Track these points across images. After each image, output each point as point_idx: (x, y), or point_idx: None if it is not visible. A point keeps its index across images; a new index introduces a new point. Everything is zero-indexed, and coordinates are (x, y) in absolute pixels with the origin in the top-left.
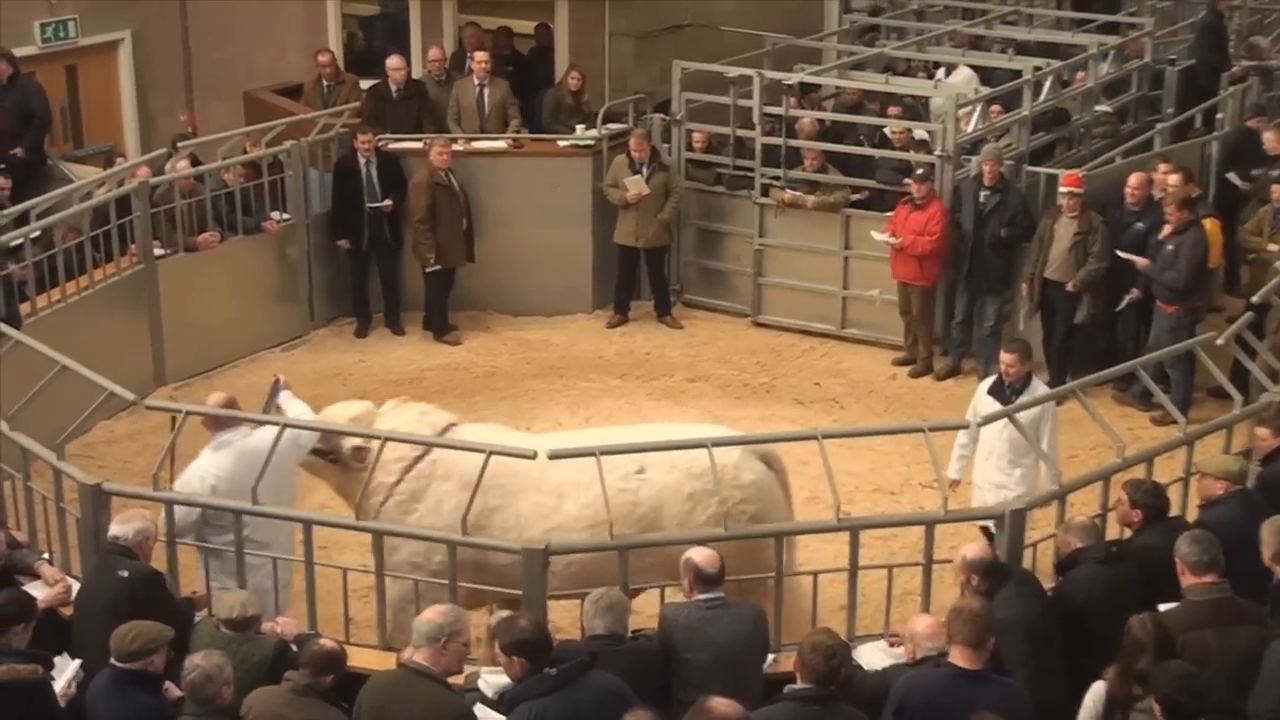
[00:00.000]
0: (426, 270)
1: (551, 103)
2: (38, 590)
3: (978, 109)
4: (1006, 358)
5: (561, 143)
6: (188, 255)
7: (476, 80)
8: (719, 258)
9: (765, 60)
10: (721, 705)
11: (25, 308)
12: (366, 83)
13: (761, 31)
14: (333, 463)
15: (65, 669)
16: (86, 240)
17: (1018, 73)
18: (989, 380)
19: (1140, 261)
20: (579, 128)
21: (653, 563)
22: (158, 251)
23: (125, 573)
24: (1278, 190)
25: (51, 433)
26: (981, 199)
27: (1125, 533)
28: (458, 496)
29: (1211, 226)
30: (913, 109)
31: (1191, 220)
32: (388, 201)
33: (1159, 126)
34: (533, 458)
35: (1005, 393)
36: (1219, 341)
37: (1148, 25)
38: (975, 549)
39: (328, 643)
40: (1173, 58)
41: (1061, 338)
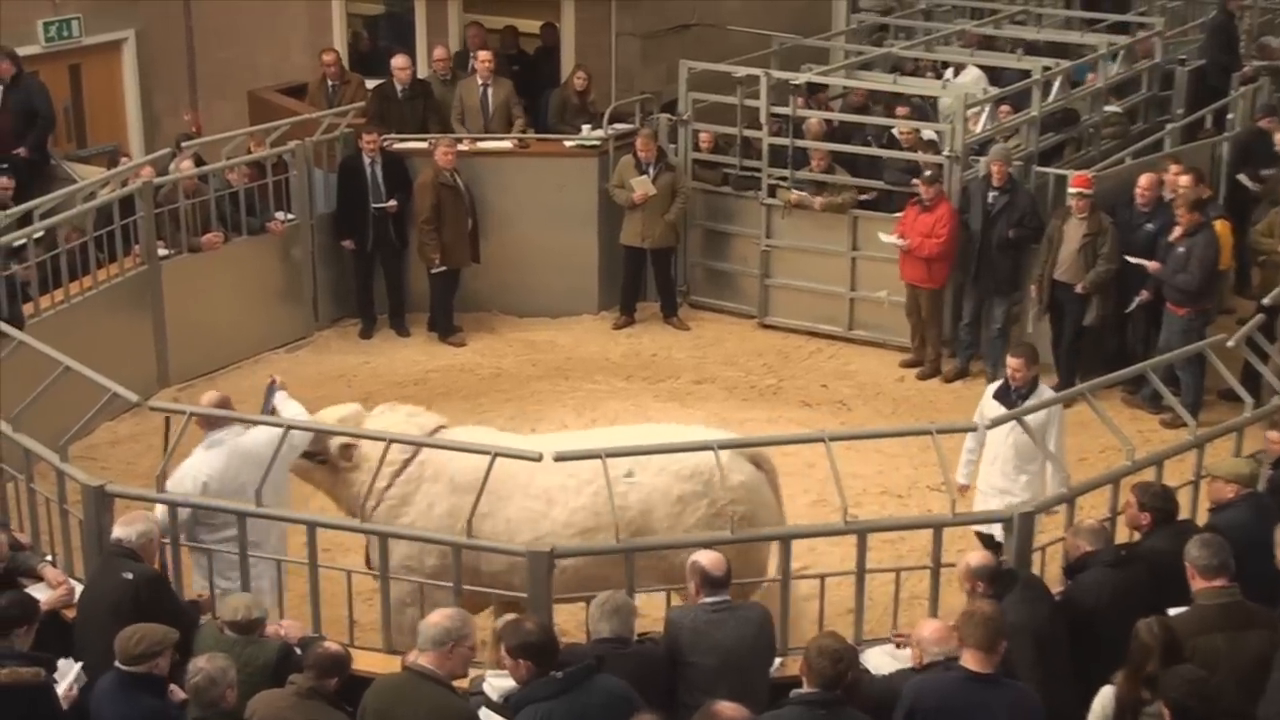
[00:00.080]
0: (431, 271)
1: (557, 102)
2: (40, 592)
3: (986, 109)
4: (1013, 362)
5: (567, 143)
6: (192, 256)
7: (480, 80)
8: (726, 259)
9: (772, 60)
10: (727, 709)
11: (28, 308)
12: (371, 82)
13: (768, 31)
14: (321, 464)
15: (68, 672)
16: (90, 240)
17: (1027, 73)
18: (995, 384)
19: (1151, 265)
20: (585, 128)
21: (644, 565)
22: (161, 252)
23: (129, 575)
24: None
25: (54, 434)
26: (990, 200)
27: (1134, 536)
28: (449, 499)
29: (1222, 228)
30: (921, 109)
31: (1202, 222)
32: (393, 202)
33: (1169, 127)
34: (538, 460)
35: (1011, 397)
36: (1230, 344)
37: (1158, 25)
38: (978, 557)
39: (332, 645)
40: (1183, 58)
41: (1070, 340)
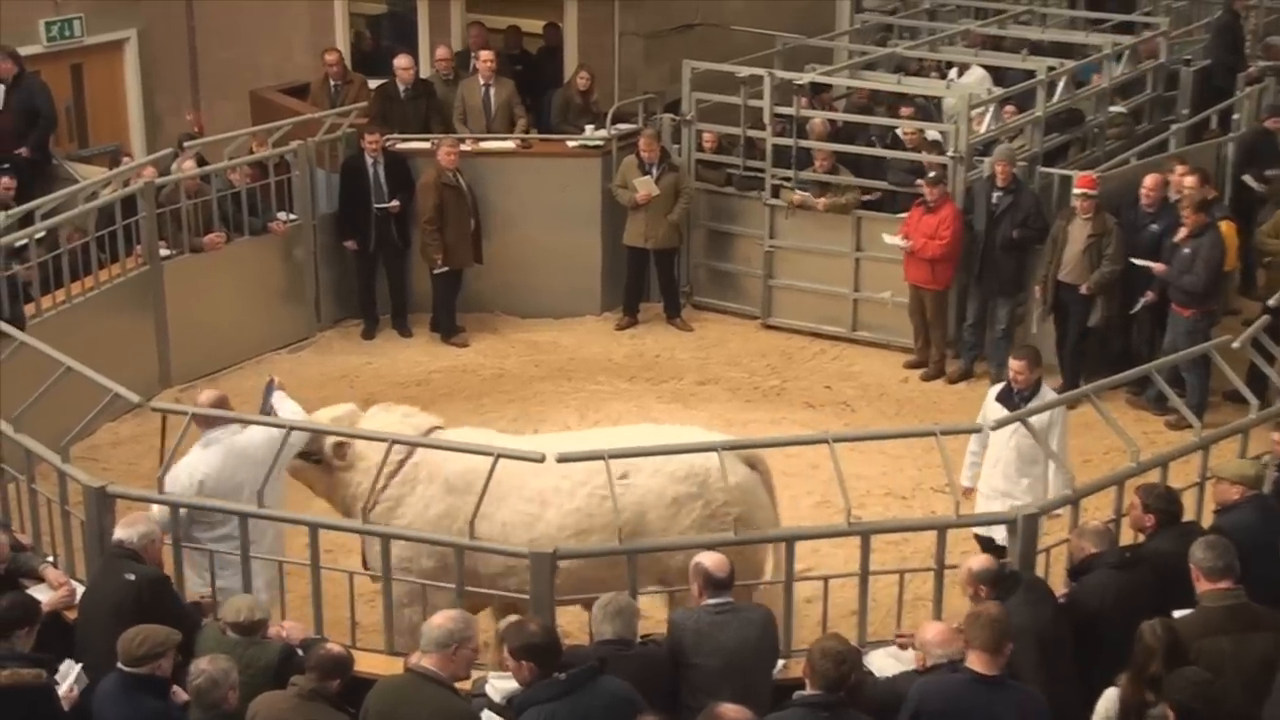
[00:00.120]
0: (434, 271)
1: (560, 102)
2: (42, 594)
3: (991, 109)
4: (1015, 365)
5: (570, 143)
6: (193, 256)
7: (482, 80)
8: (729, 259)
9: (776, 60)
10: (731, 711)
11: (30, 308)
12: (374, 82)
13: (772, 31)
14: (316, 463)
15: (69, 673)
16: (92, 241)
17: (1031, 73)
18: (997, 387)
19: (1157, 267)
20: (588, 128)
21: (640, 566)
22: (163, 252)
23: (131, 576)
24: None
25: (56, 434)
26: (994, 200)
27: (1139, 538)
28: (444, 501)
29: (1227, 229)
30: (925, 109)
31: (1208, 223)
32: (395, 202)
33: (1174, 127)
34: (541, 461)
35: (1014, 400)
36: (1235, 345)
37: (1163, 25)
38: (979, 560)
39: (334, 647)
40: (1188, 58)
41: (1075, 341)
